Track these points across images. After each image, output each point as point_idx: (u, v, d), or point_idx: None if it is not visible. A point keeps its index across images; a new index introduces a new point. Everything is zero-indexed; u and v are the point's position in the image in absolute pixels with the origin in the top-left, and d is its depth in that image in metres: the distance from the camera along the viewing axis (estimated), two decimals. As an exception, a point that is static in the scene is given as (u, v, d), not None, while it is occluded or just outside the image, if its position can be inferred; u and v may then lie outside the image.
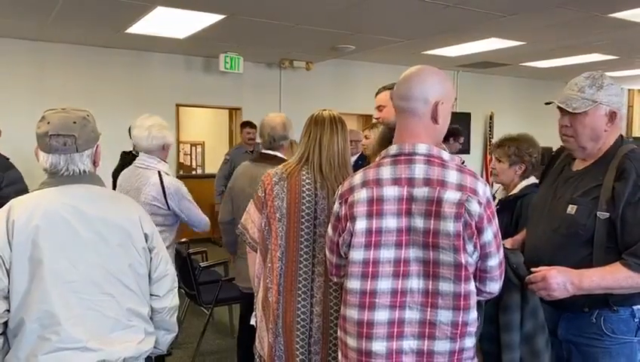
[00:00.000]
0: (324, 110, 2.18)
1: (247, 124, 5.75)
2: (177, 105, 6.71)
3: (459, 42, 5.97)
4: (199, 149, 9.39)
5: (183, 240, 5.78)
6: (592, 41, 5.91)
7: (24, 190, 4.17)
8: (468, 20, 4.85)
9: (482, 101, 8.47)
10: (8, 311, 1.56)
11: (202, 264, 4.69)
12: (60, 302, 1.56)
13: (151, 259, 1.72)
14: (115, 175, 4.20)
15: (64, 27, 5.22)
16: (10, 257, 1.53)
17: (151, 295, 1.75)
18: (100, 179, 1.75)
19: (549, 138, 8.05)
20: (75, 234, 1.59)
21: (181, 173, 7.45)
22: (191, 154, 9.62)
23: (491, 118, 8.81)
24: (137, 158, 3.00)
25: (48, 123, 1.67)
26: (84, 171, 1.68)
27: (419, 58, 6.37)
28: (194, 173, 8.59)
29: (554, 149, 2.23)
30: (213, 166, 6.89)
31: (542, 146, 3.34)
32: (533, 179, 2.50)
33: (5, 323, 1.57)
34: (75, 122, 1.68)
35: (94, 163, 1.74)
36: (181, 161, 8.19)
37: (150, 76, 6.44)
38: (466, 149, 8.13)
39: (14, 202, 1.62)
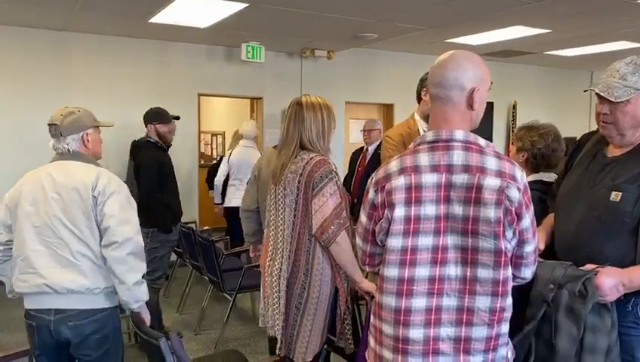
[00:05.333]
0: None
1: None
2: (199, 95, 6.74)
3: (483, 30, 5.89)
4: (220, 139, 9.44)
5: (206, 227, 5.88)
6: (619, 29, 5.79)
7: None
8: (493, 7, 4.78)
9: (505, 90, 8.35)
10: (10, 241, 2.29)
11: (225, 251, 4.76)
12: (28, 239, 2.20)
13: (96, 212, 2.18)
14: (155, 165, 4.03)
15: (88, 17, 5.27)
16: (11, 206, 2.28)
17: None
18: (83, 156, 2.31)
19: (573, 128, 7.95)
20: (44, 193, 2.21)
21: (202, 162, 7.49)
22: (211, 144, 9.69)
23: (514, 107, 8.70)
24: (244, 142, 5.57)
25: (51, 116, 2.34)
26: (69, 150, 2.29)
27: (441, 46, 6.29)
28: (214, 162, 8.65)
29: (577, 139, 2.17)
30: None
31: (565, 136, 3.26)
32: (547, 176, 2.29)
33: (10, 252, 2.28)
34: (61, 115, 2.32)
35: (85, 145, 2.33)
36: (202, 150, 8.25)
37: (172, 66, 6.47)
38: (488, 138, 8.04)
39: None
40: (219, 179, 5.68)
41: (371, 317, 1.60)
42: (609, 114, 1.76)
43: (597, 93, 1.77)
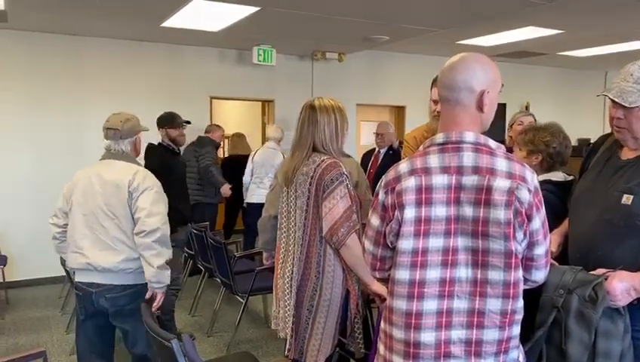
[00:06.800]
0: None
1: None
2: (211, 98, 6.78)
3: (495, 31, 5.85)
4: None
5: (217, 230, 5.92)
6: (633, 28, 5.72)
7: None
8: (505, 8, 4.75)
9: (518, 91, 8.29)
10: (66, 224, 2.72)
11: (237, 254, 4.77)
12: (77, 224, 2.65)
13: (131, 204, 2.60)
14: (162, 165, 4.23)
15: (102, 22, 5.33)
16: (67, 196, 2.72)
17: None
18: (130, 156, 2.72)
19: (587, 129, 7.85)
20: (92, 187, 2.64)
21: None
22: (223, 147, 9.71)
23: (527, 108, 8.63)
24: (268, 143, 5.97)
25: (107, 120, 2.75)
26: (122, 151, 2.70)
27: (453, 48, 6.27)
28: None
29: (592, 140, 2.15)
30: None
31: (579, 138, 3.21)
32: (555, 175, 2.28)
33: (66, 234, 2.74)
34: (120, 121, 2.71)
35: (135, 147, 2.76)
36: (214, 153, 8.27)
37: (184, 69, 6.52)
38: (500, 140, 8.00)
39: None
40: (246, 179, 6.02)
41: (381, 322, 1.58)
42: (623, 118, 1.74)
43: (611, 99, 1.74)
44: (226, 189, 5.79)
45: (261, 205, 3.40)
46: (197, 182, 5.78)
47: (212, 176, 5.75)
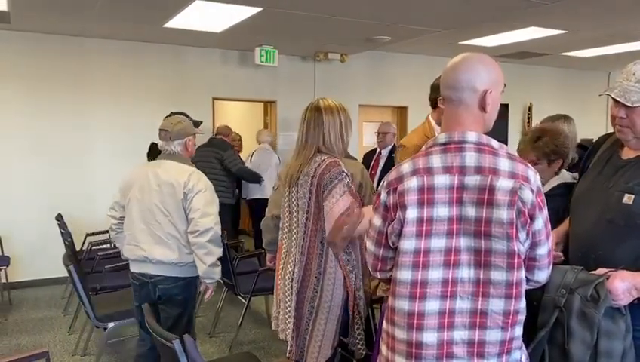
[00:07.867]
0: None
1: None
2: (213, 99, 6.79)
3: (498, 32, 5.85)
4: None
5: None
6: (635, 29, 5.71)
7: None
8: (508, 9, 4.74)
9: (521, 92, 8.29)
10: (123, 217, 2.95)
11: (239, 255, 4.77)
12: (135, 218, 2.85)
13: (186, 204, 2.77)
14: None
15: (104, 23, 5.34)
16: (124, 190, 2.93)
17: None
18: (182, 158, 2.90)
19: (590, 129, 7.80)
20: (149, 185, 2.83)
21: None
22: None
23: (530, 109, 8.63)
24: (262, 145, 6.51)
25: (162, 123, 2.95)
26: (174, 152, 2.88)
27: (456, 48, 6.26)
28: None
29: (593, 142, 2.15)
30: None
31: (582, 138, 3.22)
32: (564, 177, 2.28)
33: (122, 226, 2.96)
34: (171, 123, 2.90)
35: (186, 148, 2.92)
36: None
37: (187, 70, 6.52)
38: (503, 141, 7.99)
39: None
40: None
41: (384, 323, 1.58)
42: (625, 118, 1.74)
43: (613, 98, 1.74)
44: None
45: (260, 200, 3.45)
46: (220, 183, 5.78)
47: (251, 174, 6.08)
